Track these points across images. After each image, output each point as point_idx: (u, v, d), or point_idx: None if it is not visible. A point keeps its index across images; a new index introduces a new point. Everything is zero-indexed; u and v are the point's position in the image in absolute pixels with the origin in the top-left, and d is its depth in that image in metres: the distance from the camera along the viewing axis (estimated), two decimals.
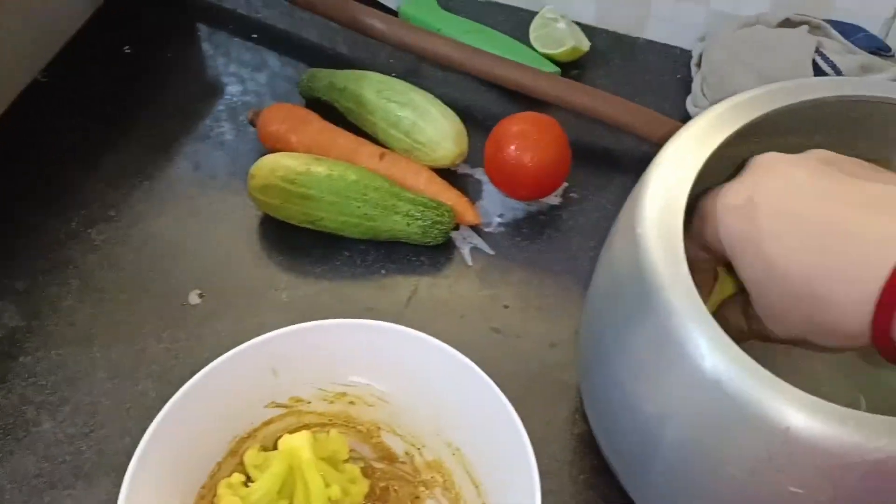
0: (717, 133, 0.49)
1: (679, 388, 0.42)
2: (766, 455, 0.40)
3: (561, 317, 0.62)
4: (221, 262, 0.65)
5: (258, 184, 0.64)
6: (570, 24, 0.78)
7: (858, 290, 0.40)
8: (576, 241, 0.67)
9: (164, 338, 0.61)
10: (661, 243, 0.44)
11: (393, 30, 0.75)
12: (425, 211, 0.64)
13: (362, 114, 0.70)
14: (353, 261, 0.65)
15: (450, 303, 0.63)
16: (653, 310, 0.43)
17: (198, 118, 0.74)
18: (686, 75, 0.76)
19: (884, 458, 0.37)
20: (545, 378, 0.59)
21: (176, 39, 0.80)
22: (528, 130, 0.66)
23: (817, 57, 0.65)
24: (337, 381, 0.52)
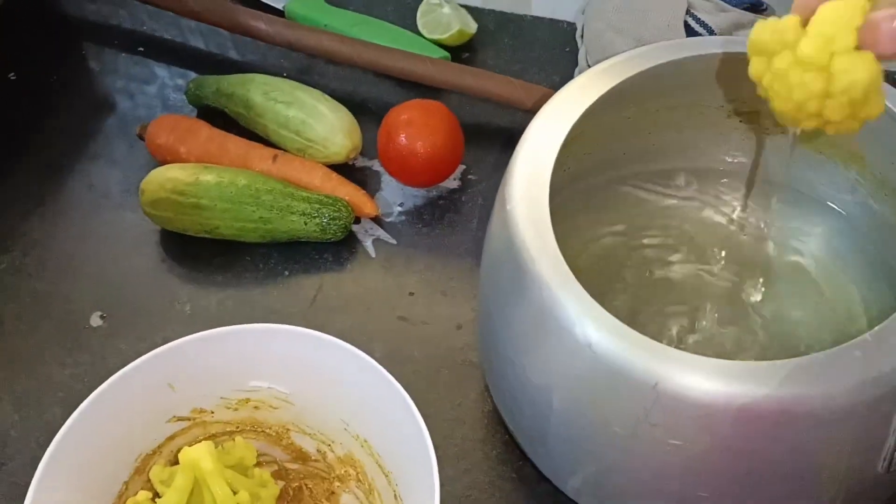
0: (580, 103, 0.50)
1: (558, 358, 0.44)
2: (642, 412, 0.41)
3: (465, 298, 0.63)
4: (122, 281, 0.65)
5: (149, 198, 0.64)
6: (455, 8, 0.78)
7: None
8: (476, 222, 0.67)
9: (69, 363, 0.61)
10: (529, 218, 0.45)
11: (278, 30, 0.75)
12: (321, 208, 0.64)
13: (252, 117, 0.70)
14: (255, 265, 0.65)
15: (356, 296, 0.64)
16: (527, 284, 0.44)
17: (89, 138, 0.73)
18: (574, 48, 0.77)
19: (749, 402, 0.39)
20: (454, 360, 0.60)
21: (62, 61, 0.80)
22: (416, 117, 0.66)
23: (689, 18, 0.67)
24: (238, 388, 0.52)
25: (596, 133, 0.52)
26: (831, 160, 0.55)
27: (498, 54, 0.78)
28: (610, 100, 0.51)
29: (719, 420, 0.39)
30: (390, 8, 0.82)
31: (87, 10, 0.83)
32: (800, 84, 0.35)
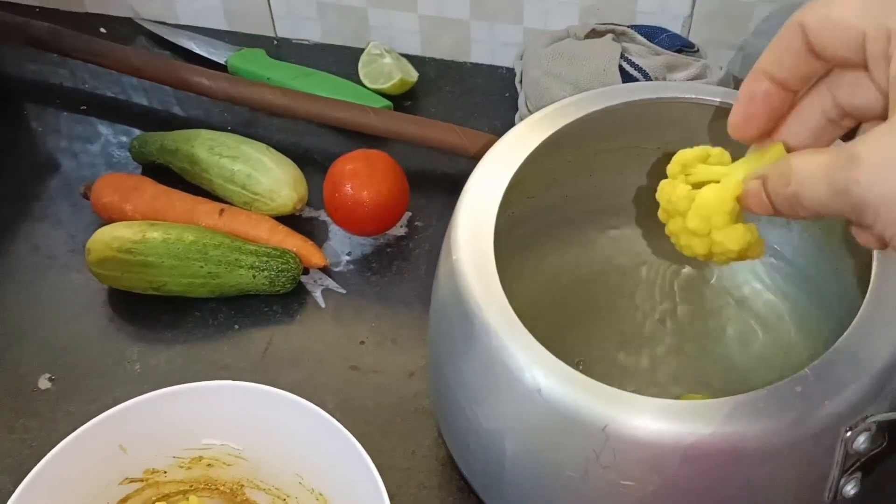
0: (521, 150, 0.51)
1: (509, 404, 0.44)
2: (593, 455, 0.42)
3: (416, 345, 0.64)
4: (70, 342, 0.64)
5: (95, 258, 0.64)
6: (396, 58, 0.80)
7: None
8: (424, 268, 0.68)
9: (17, 428, 0.60)
10: (475, 267, 0.46)
11: (220, 85, 0.75)
12: (269, 261, 0.64)
13: (197, 172, 0.70)
14: (204, 321, 0.65)
15: (307, 348, 0.64)
16: (475, 333, 0.45)
17: (32, 199, 0.73)
18: (514, 93, 0.79)
19: (696, 441, 0.40)
20: (406, 408, 0.60)
21: (3, 122, 0.79)
22: (360, 168, 0.67)
23: (623, 62, 0.69)
24: (191, 446, 0.52)
25: (538, 178, 0.54)
26: None
27: (439, 101, 0.80)
28: (550, 146, 0.52)
29: (668, 459, 0.40)
30: (332, 59, 0.83)
31: (26, 70, 0.83)
32: (688, 245, 0.42)
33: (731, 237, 0.41)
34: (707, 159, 0.43)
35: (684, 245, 0.43)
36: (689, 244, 0.42)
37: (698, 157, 0.43)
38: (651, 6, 0.74)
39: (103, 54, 0.77)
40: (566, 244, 0.61)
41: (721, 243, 0.41)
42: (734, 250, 0.41)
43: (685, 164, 0.43)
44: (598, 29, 0.72)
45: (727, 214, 0.40)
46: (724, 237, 0.41)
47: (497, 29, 0.79)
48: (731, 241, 0.41)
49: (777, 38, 0.38)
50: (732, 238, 0.41)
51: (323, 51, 0.84)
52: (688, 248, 0.43)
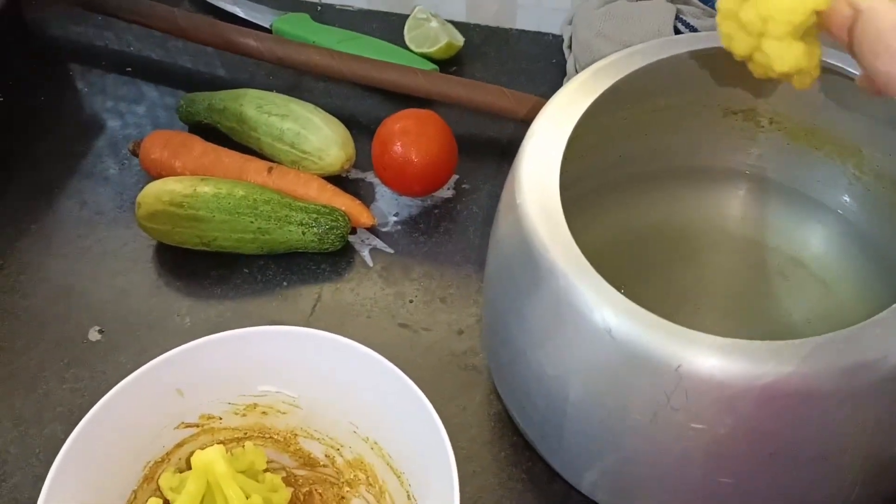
0: (581, 102, 0.50)
1: (575, 346, 0.44)
2: (663, 397, 0.41)
3: (465, 304, 0.63)
4: (119, 296, 0.64)
5: (146, 212, 0.63)
6: (442, 23, 0.79)
7: None
8: (472, 230, 0.68)
9: (68, 378, 0.60)
10: (541, 210, 0.45)
11: (268, 46, 0.75)
12: (319, 218, 0.64)
13: (245, 131, 0.70)
14: (253, 277, 0.65)
15: (355, 305, 0.64)
16: (541, 275, 0.44)
17: (79, 157, 0.73)
18: (560, 59, 0.78)
19: (771, 382, 0.39)
20: (457, 365, 0.60)
21: (49, 83, 0.79)
22: (410, 126, 0.67)
23: (678, 23, 0.68)
24: (246, 393, 0.52)
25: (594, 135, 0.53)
26: (829, 157, 0.56)
27: (485, 67, 0.79)
28: (607, 100, 0.52)
29: (743, 401, 0.40)
30: (375, 25, 0.83)
31: (71, 32, 0.83)
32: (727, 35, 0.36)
33: (781, 54, 0.34)
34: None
35: (725, 33, 0.36)
36: (731, 34, 0.36)
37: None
38: None
39: (150, 15, 0.77)
40: (622, 203, 0.60)
41: (765, 54, 0.35)
42: (777, 70, 0.35)
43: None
44: None
45: (790, 25, 0.34)
46: (773, 50, 0.35)
47: None
48: (779, 58, 0.34)
49: None
50: (783, 56, 0.35)
51: (366, 16, 0.84)
52: (727, 37, 0.36)
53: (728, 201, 0.61)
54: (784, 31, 0.34)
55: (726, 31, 0.36)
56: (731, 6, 0.36)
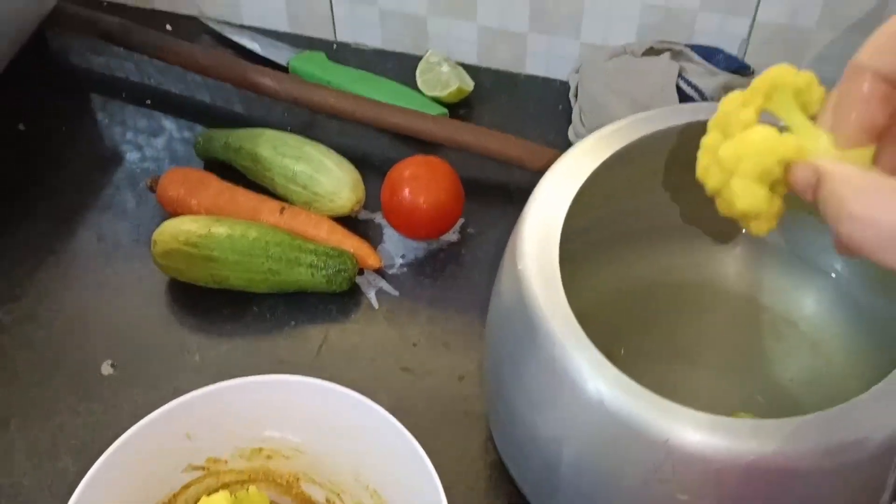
0: (586, 165, 0.52)
1: (569, 412, 0.45)
2: (651, 467, 0.43)
3: (467, 350, 0.65)
4: (132, 331, 0.66)
5: (161, 250, 0.66)
6: (453, 66, 0.81)
7: None
8: (476, 275, 0.70)
9: (81, 411, 0.62)
10: (541, 276, 0.47)
11: (284, 86, 0.77)
12: (328, 260, 0.66)
13: (260, 171, 0.72)
14: (262, 315, 0.67)
15: (360, 347, 0.66)
16: (538, 340, 0.46)
17: (98, 189, 0.75)
18: (567, 106, 0.80)
19: (755, 460, 0.41)
20: (456, 411, 0.62)
21: (70, 113, 0.81)
22: (419, 173, 0.69)
23: (681, 81, 0.70)
24: (252, 438, 0.54)
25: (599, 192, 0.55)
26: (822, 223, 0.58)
27: (494, 111, 0.81)
28: (612, 162, 0.53)
29: (727, 476, 0.41)
30: (390, 65, 0.85)
31: (94, 63, 0.85)
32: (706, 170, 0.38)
33: (742, 193, 0.36)
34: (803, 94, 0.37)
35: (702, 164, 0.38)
36: (706, 165, 0.38)
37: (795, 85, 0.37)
38: (709, 27, 0.75)
39: (171, 51, 0.79)
40: (622, 258, 0.62)
41: (730, 191, 0.37)
42: (737, 208, 0.37)
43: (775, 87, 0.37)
44: (655, 47, 0.73)
45: (759, 168, 0.36)
46: (738, 188, 0.36)
47: (554, 42, 0.80)
48: (740, 197, 0.36)
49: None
50: (744, 195, 0.36)
51: (381, 56, 0.86)
52: (703, 169, 0.38)
53: (724, 260, 0.63)
54: (753, 172, 0.36)
55: (704, 163, 0.38)
56: (713, 142, 0.38)
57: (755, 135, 0.36)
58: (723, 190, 0.38)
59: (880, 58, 0.34)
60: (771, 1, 0.73)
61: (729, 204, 0.37)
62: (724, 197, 0.38)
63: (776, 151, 0.36)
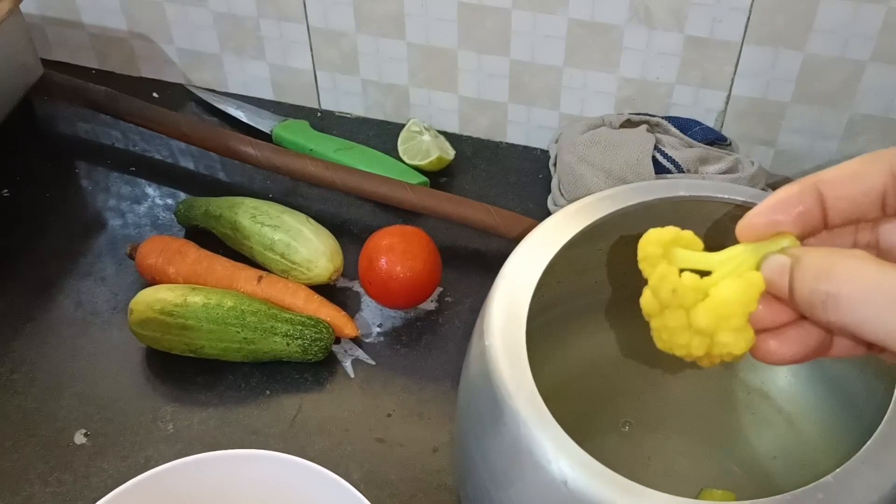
0: (557, 240, 0.53)
1: (534, 491, 0.45)
2: None
3: (442, 421, 0.65)
4: (107, 399, 0.66)
5: (137, 318, 0.66)
6: (434, 136, 0.82)
7: None
8: (452, 345, 0.70)
9: (51, 481, 0.61)
10: (507, 353, 0.47)
11: (265, 155, 0.78)
12: (303, 330, 0.66)
13: (239, 239, 0.73)
14: (237, 384, 0.67)
15: (335, 417, 0.65)
16: (504, 419, 0.46)
17: (79, 255, 0.75)
18: (547, 175, 0.81)
19: None
20: (429, 483, 0.62)
21: (55, 179, 0.82)
22: (396, 243, 0.69)
23: (657, 154, 0.71)
24: None
25: (570, 265, 0.55)
26: None
27: (474, 179, 0.82)
28: (584, 236, 0.54)
29: None
30: (372, 133, 0.86)
31: (79, 130, 0.87)
32: (685, 345, 0.38)
33: (740, 341, 0.37)
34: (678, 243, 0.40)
35: (678, 343, 0.38)
36: (687, 343, 0.38)
37: (673, 240, 0.40)
38: (685, 99, 0.77)
39: (156, 120, 0.81)
40: (593, 329, 0.62)
41: (725, 345, 0.37)
42: (738, 355, 0.37)
43: (666, 246, 0.39)
44: (633, 119, 0.75)
45: (746, 315, 0.36)
46: (732, 339, 0.37)
47: (534, 112, 0.82)
48: (738, 345, 0.37)
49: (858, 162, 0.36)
50: (741, 342, 0.37)
51: (364, 124, 0.87)
52: (682, 347, 0.38)
53: None
54: (742, 323, 0.37)
55: (680, 341, 0.38)
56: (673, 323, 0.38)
57: (726, 292, 0.37)
58: (711, 351, 0.38)
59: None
60: (746, 75, 0.74)
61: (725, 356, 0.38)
62: (714, 354, 0.38)
63: (755, 290, 0.36)
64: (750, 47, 0.72)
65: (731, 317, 0.36)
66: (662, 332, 0.39)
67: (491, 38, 0.78)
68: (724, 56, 0.73)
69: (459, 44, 0.79)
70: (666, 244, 0.39)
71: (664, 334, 0.39)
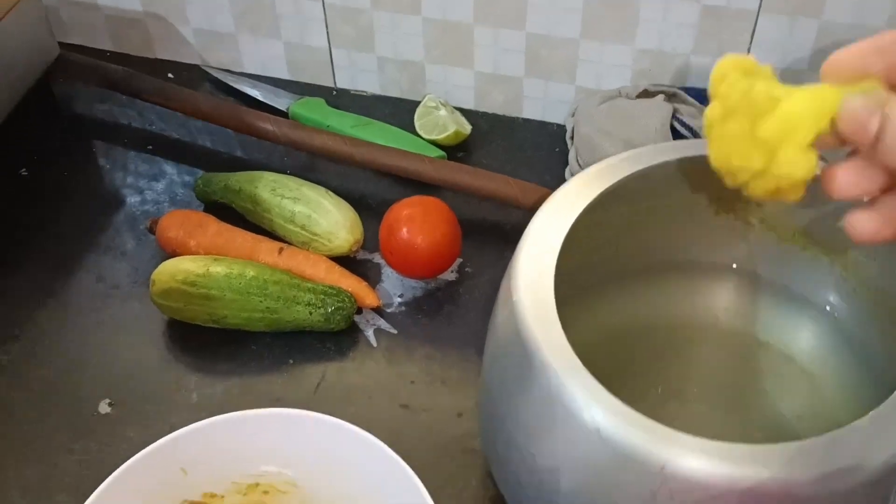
0: (579, 201, 0.53)
1: (566, 442, 0.45)
2: (649, 494, 0.42)
3: (465, 387, 0.65)
4: (130, 370, 0.66)
5: (159, 289, 0.66)
6: (451, 111, 0.82)
7: None
8: (473, 314, 0.70)
9: (76, 450, 0.61)
10: (535, 308, 0.48)
11: (283, 130, 0.78)
12: (326, 299, 0.66)
13: (259, 212, 0.73)
14: (259, 354, 0.67)
15: (358, 385, 0.66)
16: (534, 372, 0.46)
17: (98, 231, 0.76)
18: (563, 148, 0.81)
19: (753, 486, 0.41)
20: (455, 447, 0.62)
21: (72, 158, 0.82)
22: (416, 213, 0.69)
23: (675, 122, 0.71)
24: (248, 472, 0.53)
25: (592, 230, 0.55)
26: (817, 258, 0.58)
27: (491, 154, 0.82)
28: (605, 199, 0.54)
29: (725, 501, 0.41)
30: (388, 111, 0.86)
31: (96, 110, 0.87)
32: (743, 155, 0.36)
33: (801, 161, 0.34)
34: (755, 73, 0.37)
35: (737, 152, 0.36)
36: (746, 154, 0.35)
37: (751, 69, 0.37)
38: (702, 69, 0.77)
39: (174, 97, 0.81)
40: (616, 296, 0.62)
41: (787, 163, 0.35)
42: (797, 177, 0.35)
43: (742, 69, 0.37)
44: (649, 90, 0.75)
45: (812, 132, 0.34)
46: (794, 158, 0.34)
47: (550, 87, 0.82)
48: (799, 165, 0.34)
49: None
50: (802, 163, 0.35)
51: (380, 102, 0.87)
52: (740, 157, 0.36)
53: (719, 296, 0.63)
54: (807, 138, 0.34)
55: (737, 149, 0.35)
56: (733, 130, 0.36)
57: (799, 103, 0.34)
58: (771, 170, 0.35)
59: None
60: (762, 44, 0.74)
61: (784, 178, 0.35)
62: (771, 174, 0.35)
63: (828, 107, 0.34)
64: (766, 16, 0.72)
65: (798, 130, 0.34)
66: (722, 143, 0.37)
67: (507, 12, 0.78)
68: (740, 25, 0.74)
69: (475, 18, 0.79)
70: (743, 68, 0.37)
71: (724, 145, 0.37)
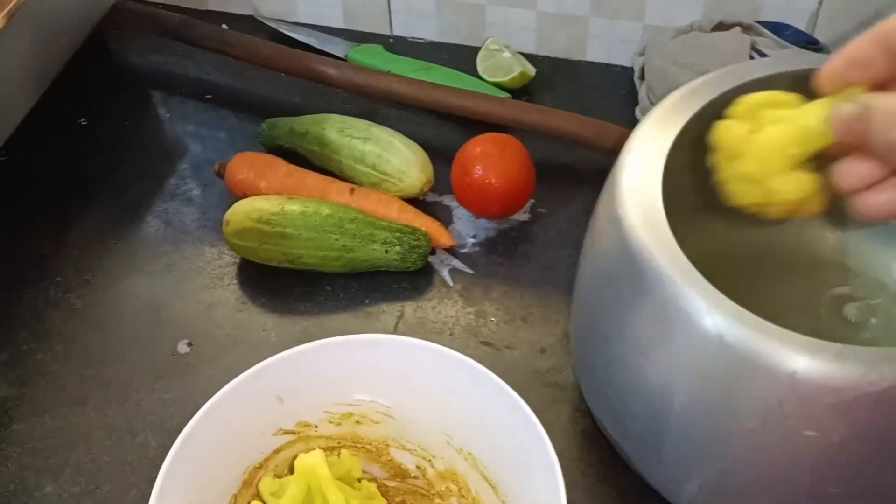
0: (681, 114, 0.51)
1: (683, 353, 0.44)
2: (776, 402, 0.41)
3: (546, 323, 0.64)
4: (205, 312, 0.65)
5: (233, 229, 0.65)
6: (514, 53, 0.81)
7: None
8: (550, 252, 0.68)
9: (157, 388, 0.60)
10: (644, 219, 0.46)
11: (346, 74, 0.77)
12: (402, 237, 0.65)
13: (327, 154, 0.71)
14: (335, 295, 0.66)
15: (437, 323, 0.64)
16: (646, 284, 0.45)
17: (163, 178, 0.75)
18: (630, 90, 0.79)
19: (888, 387, 0.39)
20: (541, 382, 0.60)
21: (131, 108, 0.81)
22: (490, 151, 0.68)
23: (753, 53, 0.69)
24: (342, 402, 0.52)
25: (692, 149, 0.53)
26: None
27: (556, 98, 0.80)
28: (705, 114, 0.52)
29: (857, 406, 0.40)
30: (446, 57, 0.84)
31: (152, 61, 0.86)
32: (744, 193, 0.40)
33: (789, 184, 0.37)
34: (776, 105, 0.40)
35: (735, 192, 0.40)
36: (742, 190, 0.40)
37: (768, 102, 0.40)
38: (777, 2, 0.75)
39: (233, 44, 0.79)
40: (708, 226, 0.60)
41: (778, 191, 0.38)
42: (792, 200, 0.38)
43: (753, 108, 0.41)
44: (724, 22, 0.73)
45: (788, 158, 0.37)
46: (781, 184, 0.37)
47: (617, 25, 0.80)
48: (789, 188, 0.37)
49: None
50: (791, 186, 0.38)
51: (438, 49, 0.85)
52: (741, 194, 0.40)
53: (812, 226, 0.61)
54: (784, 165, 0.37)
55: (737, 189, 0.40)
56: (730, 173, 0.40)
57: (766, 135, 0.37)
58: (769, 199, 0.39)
59: None
60: None
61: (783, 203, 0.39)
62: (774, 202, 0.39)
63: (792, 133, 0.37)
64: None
65: (771, 159, 0.37)
66: (727, 187, 0.41)
67: None
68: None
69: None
70: (753, 106, 0.40)
71: (729, 188, 0.41)
